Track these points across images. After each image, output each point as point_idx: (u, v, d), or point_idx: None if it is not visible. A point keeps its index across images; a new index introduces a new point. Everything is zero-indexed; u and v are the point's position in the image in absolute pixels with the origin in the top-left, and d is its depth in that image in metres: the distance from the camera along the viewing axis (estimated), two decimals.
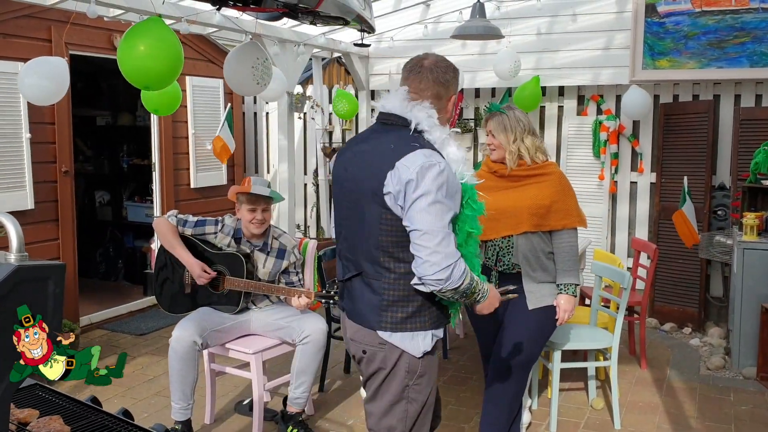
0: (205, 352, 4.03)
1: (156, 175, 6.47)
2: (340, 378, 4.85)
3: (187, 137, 6.67)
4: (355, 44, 5.61)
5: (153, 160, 6.48)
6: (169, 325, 5.99)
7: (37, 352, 1.48)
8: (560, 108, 6.65)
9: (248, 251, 3.93)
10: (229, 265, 3.89)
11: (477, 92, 6.94)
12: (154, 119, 6.39)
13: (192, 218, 3.96)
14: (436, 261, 2.18)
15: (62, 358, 1.49)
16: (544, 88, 6.46)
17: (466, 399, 4.55)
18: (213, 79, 6.80)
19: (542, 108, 6.65)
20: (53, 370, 1.49)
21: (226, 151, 6.22)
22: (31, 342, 1.47)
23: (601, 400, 4.45)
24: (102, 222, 7.81)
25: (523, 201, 3.32)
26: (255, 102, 7.88)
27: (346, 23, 4.32)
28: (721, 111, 5.98)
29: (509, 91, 6.56)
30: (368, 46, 5.62)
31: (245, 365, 4.06)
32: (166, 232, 3.90)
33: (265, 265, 3.98)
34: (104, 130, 7.88)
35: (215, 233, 3.96)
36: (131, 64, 3.77)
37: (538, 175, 3.37)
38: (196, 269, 3.83)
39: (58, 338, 1.49)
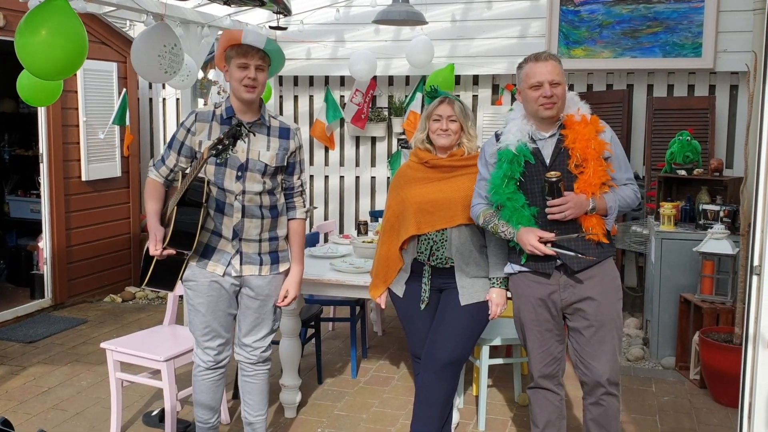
0: (110, 360, 3.70)
1: (44, 167, 5.91)
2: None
3: (78, 125, 6.13)
4: (271, 27, 5.24)
5: (40, 151, 5.92)
6: (62, 330, 5.50)
7: None
8: (475, 97, 6.52)
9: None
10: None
11: (390, 80, 6.71)
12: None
13: (164, 150, 3.16)
14: None
15: None
16: (458, 77, 6.31)
17: (389, 400, 4.33)
18: (106, 63, 6.29)
19: (457, 97, 6.47)
20: None
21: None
22: None
23: (527, 395, 4.33)
24: None
25: (457, 192, 3.20)
26: (150, 87, 7.37)
27: (261, 4, 4.04)
28: (635, 101, 5.99)
29: (423, 79, 6.37)
30: (285, 29, 5.26)
31: (154, 373, 3.75)
32: (146, 196, 3.20)
33: (269, 147, 3.13)
34: None
35: (198, 139, 3.09)
36: (33, 54, 3.31)
37: (471, 166, 3.25)
38: (152, 233, 3.07)
39: None
